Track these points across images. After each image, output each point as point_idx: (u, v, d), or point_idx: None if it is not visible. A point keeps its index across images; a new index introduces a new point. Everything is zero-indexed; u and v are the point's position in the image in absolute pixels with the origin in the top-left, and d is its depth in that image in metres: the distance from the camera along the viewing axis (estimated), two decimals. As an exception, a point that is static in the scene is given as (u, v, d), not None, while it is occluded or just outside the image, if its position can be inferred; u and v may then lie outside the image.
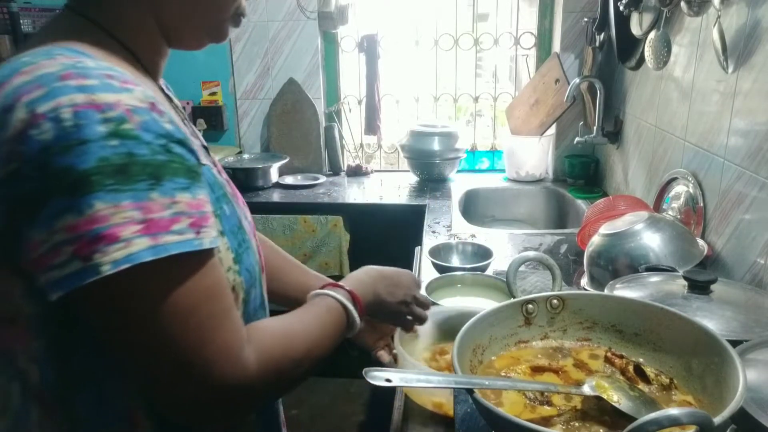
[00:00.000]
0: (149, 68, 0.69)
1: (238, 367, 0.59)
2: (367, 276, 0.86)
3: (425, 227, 1.97)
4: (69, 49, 0.57)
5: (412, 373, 0.76)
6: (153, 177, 0.53)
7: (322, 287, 0.80)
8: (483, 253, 1.54)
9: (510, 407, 0.73)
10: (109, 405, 0.62)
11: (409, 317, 0.93)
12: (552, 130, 2.43)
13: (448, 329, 0.78)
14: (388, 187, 2.51)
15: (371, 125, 2.66)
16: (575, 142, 2.21)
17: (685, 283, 0.96)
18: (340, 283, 0.82)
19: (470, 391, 0.67)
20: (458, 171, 2.58)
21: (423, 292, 1.28)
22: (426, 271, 1.55)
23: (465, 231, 1.91)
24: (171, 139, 0.55)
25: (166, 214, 0.53)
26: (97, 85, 0.53)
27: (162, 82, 0.76)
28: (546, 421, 0.71)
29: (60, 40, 0.60)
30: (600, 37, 2.15)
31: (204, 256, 0.57)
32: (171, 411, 0.61)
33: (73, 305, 0.55)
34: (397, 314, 0.91)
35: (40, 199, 0.50)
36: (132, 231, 0.51)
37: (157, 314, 0.54)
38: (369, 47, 2.56)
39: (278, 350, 0.64)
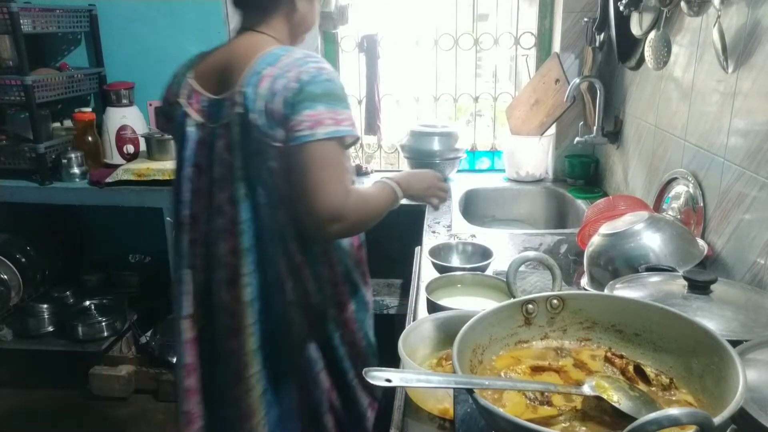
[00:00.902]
0: None
1: (342, 200, 1.16)
2: (405, 173, 1.44)
3: (425, 227, 1.97)
4: (289, 47, 1.24)
5: (412, 373, 0.77)
6: (338, 100, 1.17)
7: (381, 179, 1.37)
8: (483, 253, 1.54)
9: (510, 407, 0.73)
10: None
11: (434, 199, 1.50)
12: (552, 130, 2.43)
13: (453, 333, 0.78)
14: (388, 187, 2.50)
15: (371, 125, 2.66)
16: (575, 142, 2.21)
17: (685, 283, 0.96)
18: (390, 176, 1.37)
19: (470, 391, 0.67)
20: (458, 171, 2.57)
21: (423, 292, 1.30)
22: (426, 271, 1.55)
23: (465, 231, 1.91)
24: (341, 86, 1.20)
25: (342, 117, 1.16)
26: (319, 60, 1.19)
27: None
28: (546, 422, 0.71)
29: (270, 44, 1.23)
30: (600, 37, 2.15)
31: (353, 141, 1.21)
32: (309, 221, 1.17)
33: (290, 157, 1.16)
34: (424, 196, 1.48)
35: (299, 102, 1.13)
36: (330, 122, 1.14)
37: (328, 159, 1.14)
38: (369, 47, 2.56)
39: (359, 200, 1.22)
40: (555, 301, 0.87)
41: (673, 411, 0.53)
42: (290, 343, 1.29)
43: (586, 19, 2.25)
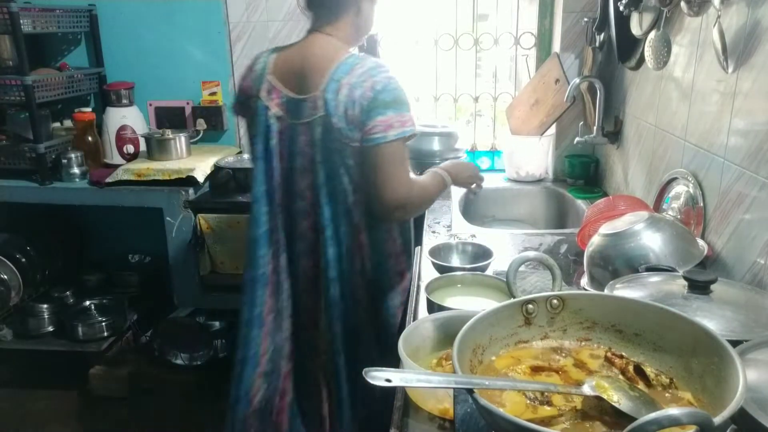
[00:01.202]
0: None
1: (407, 190, 1.42)
2: (450, 163, 1.71)
3: (425, 227, 1.97)
4: (358, 55, 1.45)
5: (412, 373, 0.77)
6: (403, 104, 1.39)
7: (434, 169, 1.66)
8: (483, 253, 1.54)
9: (510, 407, 0.73)
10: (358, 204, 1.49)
11: (474, 186, 1.78)
12: (552, 130, 2.43)
13: (453, 333, 0.78)
14: (388, 187, 2.50)
15: (371, 125, 2.66)
16: (575, 142, 2.21)
17: (685, 283, 0.96)
18: (441, 166, 1.67)
19: (470, 391, 0.67)
20: (458, 171, 2.57)
21: (423, 292, 1.31)
22: (426, 271, 1.55)
23: (465, 231, 1.91)
24: (404, 91, 1.41)
25: (405, 119, 1.38)
26: (387, 70, 1.41)
27: None
28: (546, 422, 0.71)
29: (340, 50, 1.45)
30: (600, 37, 2.15)
31: (411, 136, 1.41)
32: (379, 208, 1.43)
33: (363, 155, 1.41)
34: (466, 184, 1.76)
35: (373, 108, 1.36)
36: (398, 124, 1.37)
37: (396, 156, 1.39)
38: (369, 47, 2.55)
39: (420, 189, 1.50)
40: (555, 301, 0.87)
41: (673, 411, 0.53)
42: (354, 304, 1.56)
43: (586, 19, 2.25)
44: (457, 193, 2.36)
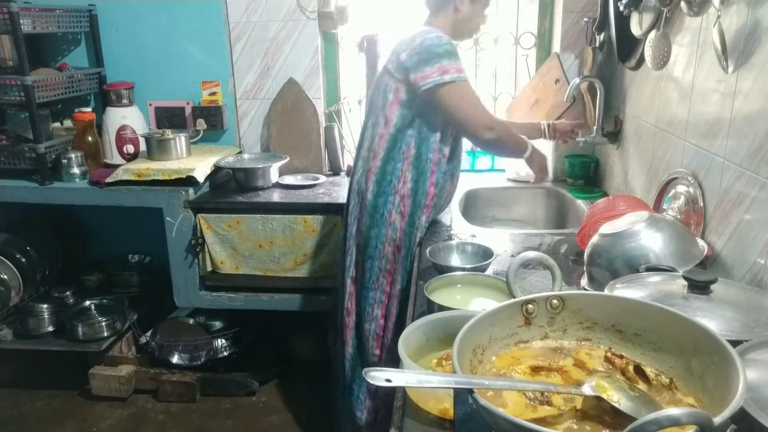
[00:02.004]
0: None
1: (487, 116, 1.83)
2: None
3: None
4: (432, 28, 1.80)
5: (412, 373, 0.77)
6: (454, 56, 1.75)
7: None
8: (483, 253, 1.54)
9: (511, 407, 0.73)
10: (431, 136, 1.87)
11: (540, 173, 1.97)
12: (552, 130, 2.43)
13: (453, 334, 0.78)
14: (388, 187, 2.50)
15: (371, 125, 2.67)
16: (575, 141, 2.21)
17: (685, 283, 0.96)
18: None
19: (470, 391, 0.67)
20: (458, 171, 2.57)
21: (423, 292, 1.30)
22: (426, 271, 1.55)
23: (465, 231, 1.91)
24: (454, 48, 1.76)
25: (460, 66, 1.75)
26: (438, 31, 1.77)
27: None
28: (546, 421, 0.71)
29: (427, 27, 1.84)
30: (600, 37, 2.15)
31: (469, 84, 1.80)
32: (471, 137, 1.83)
33: (420, 97, 1.79)
34: (538, 168, 1.95)
35: (429, 59, 1.73)
36: (452, 70, 1.73)
37: (463, 94, 1.77)
38: (369, 47, 2.55)
39: (502, 122, 1.95)
40: (555, 301, 0.87)
41: (673, 411, 0.53)
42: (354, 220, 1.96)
43: (586, 19, 2.25)
44: (458, 192, 2.37)
